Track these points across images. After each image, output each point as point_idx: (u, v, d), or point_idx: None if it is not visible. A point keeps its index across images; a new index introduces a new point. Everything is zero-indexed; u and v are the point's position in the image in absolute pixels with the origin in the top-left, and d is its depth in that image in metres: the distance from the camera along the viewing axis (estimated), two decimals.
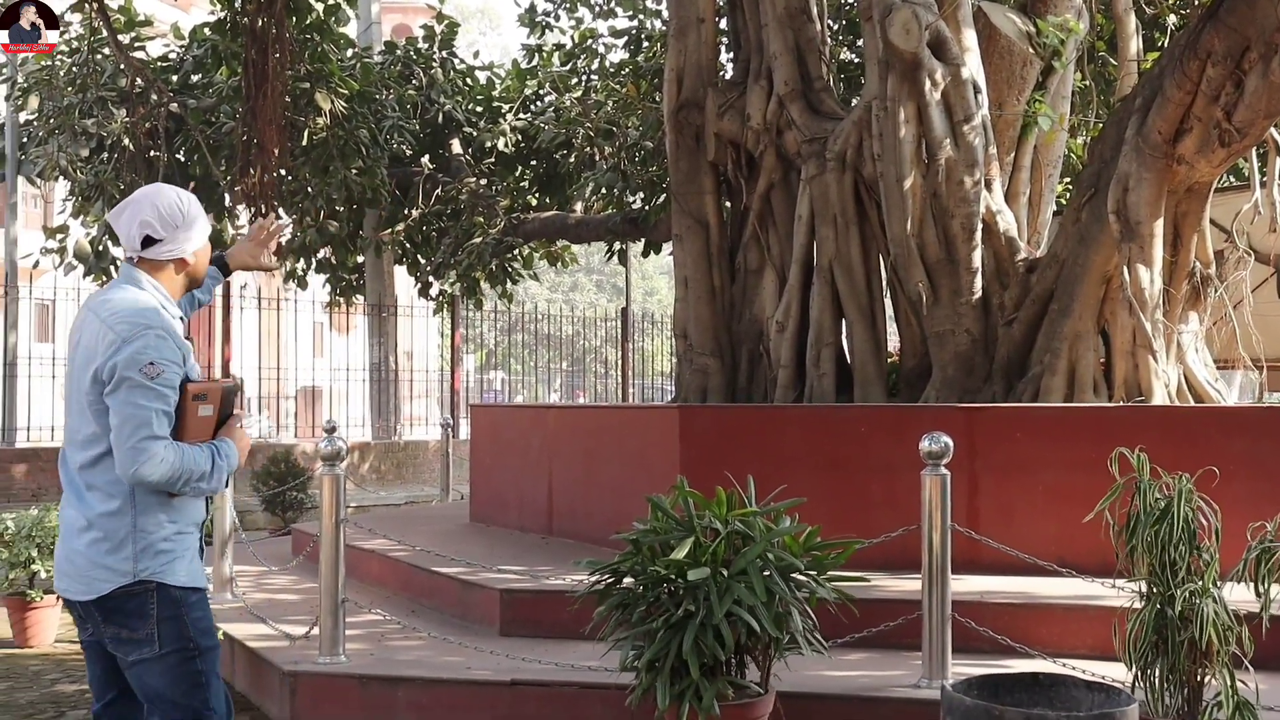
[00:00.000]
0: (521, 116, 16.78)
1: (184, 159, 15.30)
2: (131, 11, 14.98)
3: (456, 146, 16.85)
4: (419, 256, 17.30)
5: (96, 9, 13.25)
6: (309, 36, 14.15)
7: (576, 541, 7.54)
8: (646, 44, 14.93)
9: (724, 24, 9.60)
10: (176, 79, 15.20)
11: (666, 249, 14.53)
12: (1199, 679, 4.02)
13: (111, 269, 15.03)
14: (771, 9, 8.32)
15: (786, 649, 4.33)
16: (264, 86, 12.06)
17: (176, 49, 15.82)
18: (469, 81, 17.54)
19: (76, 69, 14.82)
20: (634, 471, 7.21)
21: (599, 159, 15.49)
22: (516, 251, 16.89)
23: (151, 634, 3.40)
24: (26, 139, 16.12)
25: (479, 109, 17.13)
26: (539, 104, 17.08)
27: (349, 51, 15.76)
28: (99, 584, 3.38)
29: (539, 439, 8.38)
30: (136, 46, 14.69)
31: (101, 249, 15.28)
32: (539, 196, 17.77)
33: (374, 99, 15.43)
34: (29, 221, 23.93)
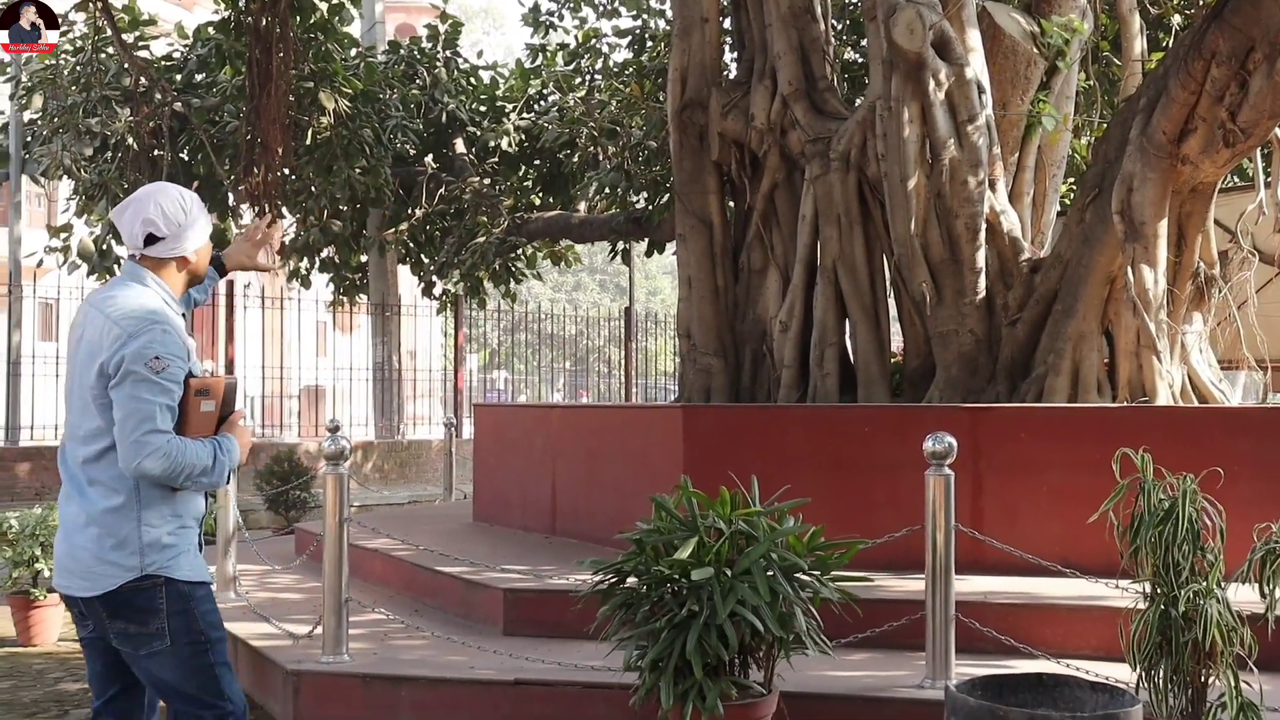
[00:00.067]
0: (525, 116, 16.78)
1: (188, 158, 15.31)
2: (135, 11, 14.98)
3: (460, 146, 16.85)
4: (422, 256, 17.30)
5: (101, 8, 13.25)
6: (313, 36, 14.15)
7: (580, 541, 7.55)
8: (650, 43, 14.93)
9: (728, 23, 9.59)
10: (180, 78, 15.20)
11: (670, 249, 14.54)
12: (1203, 680, 4.01)
13: (115, 268, 15.04)
14: (775, 9, 8.31)
15: (790, 649, 4.32)
16: (268, 86, 12.06)
17: (180, 48, 15.82)
18: (473, 81, 17.54)
19: (81, 68, 14.83)
20: (637, 471, 7.20)
21: (603, 159, 15.49)
22: (520, 251, 16.89)
23: (162, 628, 3.42)
24: (31, 138, 16.14)
25: (483, 108, 17.13)
26: (543, 103, 17.08)
27: (353, 51, 15.75)
28: (105, 580, 3.40)
29: (542, 439, 8.38)
30: (140, 46, 14.69)
31: (105, 248, 15.30)
32: (542, 196, 17.77)
33: (378, 98, 15.43)
34: (33, 220, 23.94)
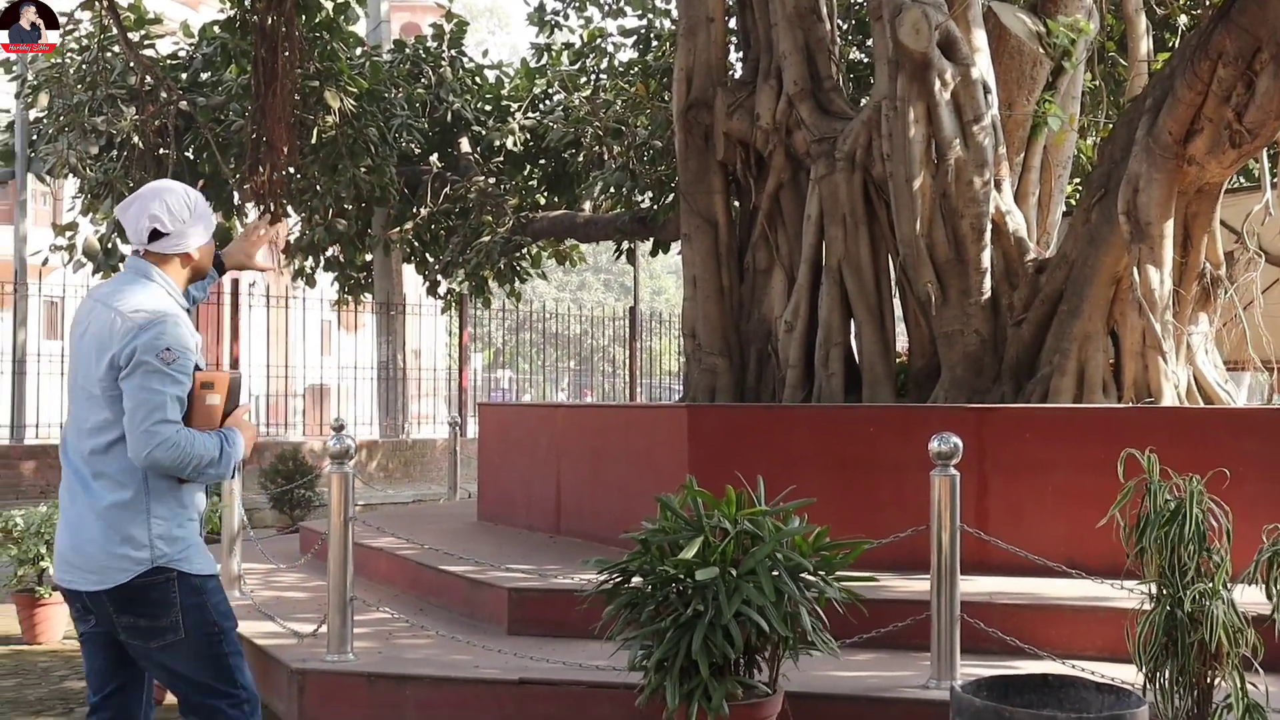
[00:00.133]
0: (530, 115, 16.79)
1: (193, 157, 15.33)
2: (141, 9, 15.01)
3: (465, 145, 16.86)
4: (427, 255, 17.31)
5: (106, 7, 13.27)
6: (318, 35, 14.17)
7: (584, 541, 7.55)
8: (655, 43, 14.93)
9: (733, 23, 9.58)
10: (186, 77, 15.22)
11: (675, 248, 14.55)
12: (1209, 681, 4.00)
13: (120, 266, 15.05)
14: (781, 8, 8.31)
15: (795, 649, 4.32)
16: (273, 84, 12.06)
17: (186, 47, 15.84)
18: (478, 80, 17.55)
19: (86, 67, 14.85)
20: (642, 471, 7.20)
21: (608, 158, 15.50)
22: (525, 250, 16.90)
23: (175, 621, 3.44)
24: (36, 136, 16.18)
25: (488, 108, 17.14)
26: (548, 103, 17.09)
27: (358, 50, 15.77)
28: (115, 574, 3.41)
29: (547, 438, 8.37)
30: (146, 44, 14.71)
31: (110, 246, 15.33)
32: (547, 195, 17.78)
33: (383, 97, 15.44)
34: (38, 219, 23.96)
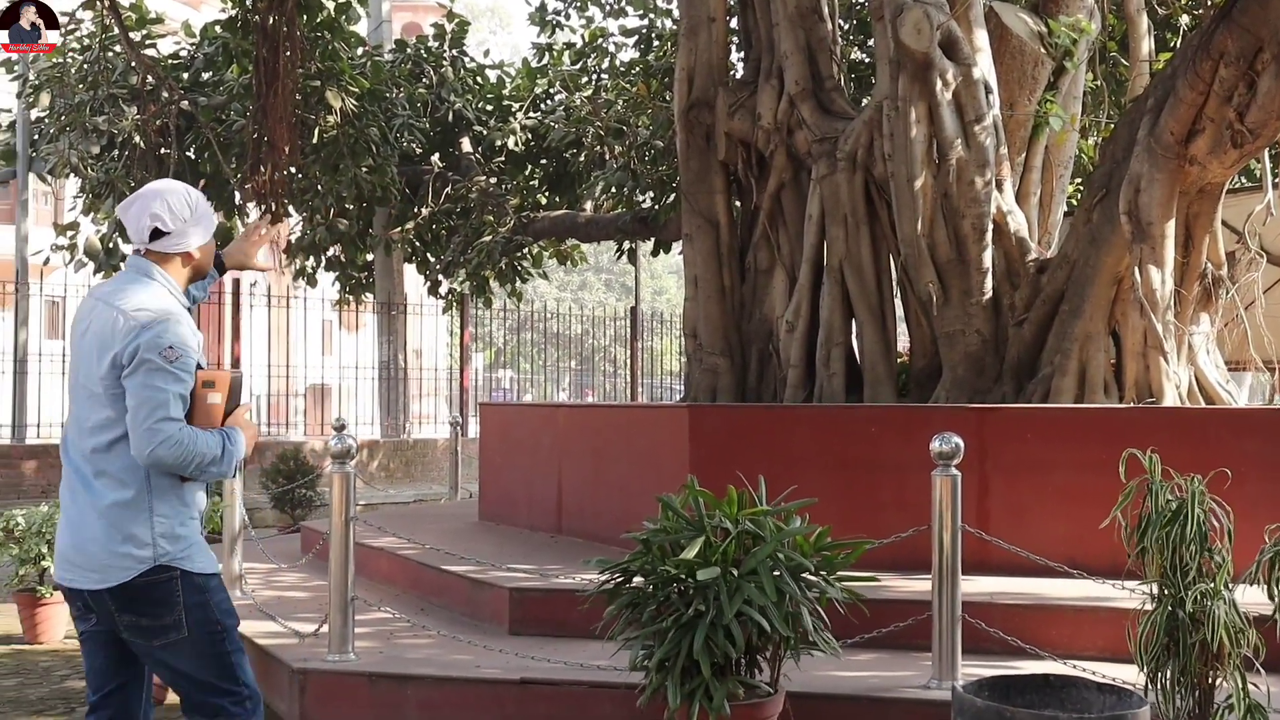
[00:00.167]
0: (532, 115, 16.80)
1: (194, 156, 15.33)
2: (143, 9, 15.02)
3: (466, 145, 16.87)
4: (428, 255, 17.32)
5: (108, 6, 13.27)
6: (320, 34, 14.17)
7: (585, 540, 7.54)
8: (657, 43, 14.92)
9: (735, 23, 9.58)
10: (187, 76, 15.23)
11: (676, 248, 14.56)
12: (1210, 681, 4.00)
13: (121, 266, 15.06)
14: (783, 8, 8.31)
15: (797, 649, 4.32)
16: (275, 84, 12.07)
17: (187, 46, 15.85)
18: (479, 80, 17.55)
19: (88, 66, 14.86)
20: (643, 471, 7.20)
21: (609, 158, 15.50)
22: (526, 250, 16.90)
23: (179, 620, 3.46)
24: (38, 136, 16.19)
25: (489, 107, 17.14)
26: (549, 103, 17.09)
27: (359, 50, 15.78)
28: (117, 572, 3.42)
29: (549, 438, 8.37)
30: (148, 44, 14.72)
31: (111, 246, 15.34)
32: (549, 195, 17.78)
33: (384, 97, 15.45)
34: (39, 218, 23.99)
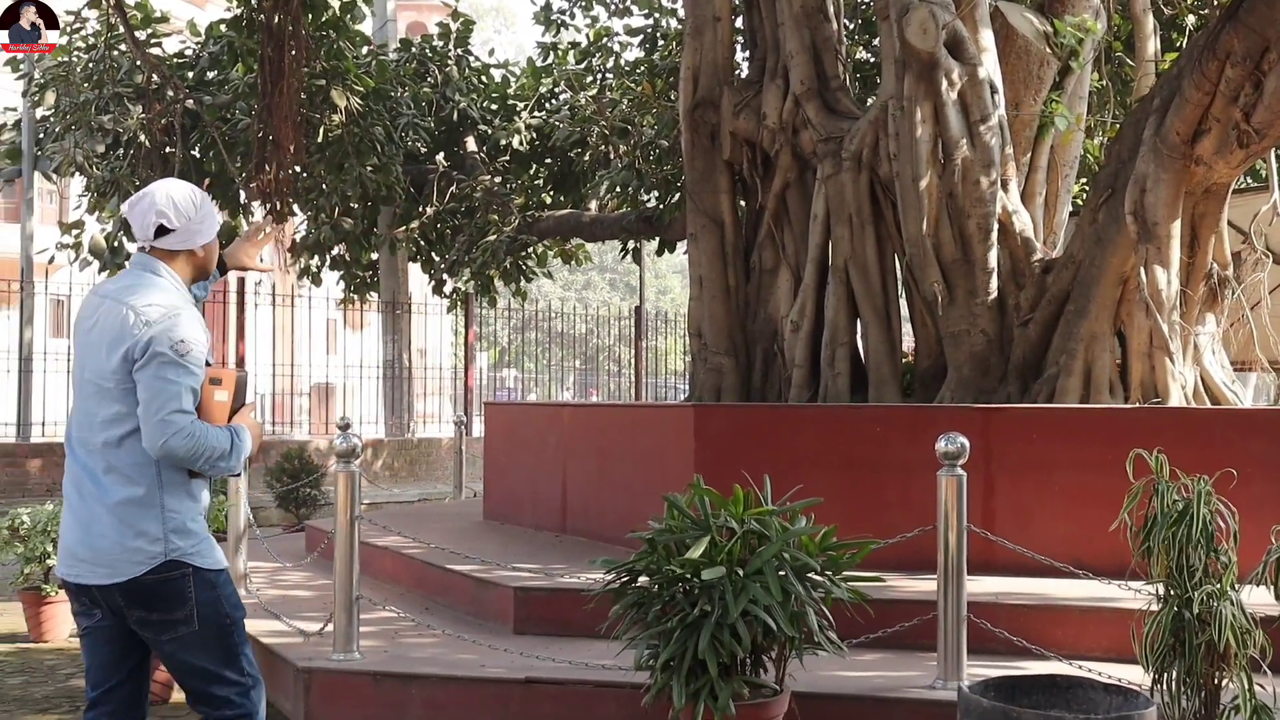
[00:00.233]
0: (536, 114, 16.79)
1: (199, 155, 15.35)
2: (148, 8, 15.02)
3: (471, 144, 16.86)
4: (433, 254, 17.32)
5: (113, 5, 13.29)
6: (325, 33, 14.17)
7: (590, 540, 7.54)
8: (662, 42, 14.92)
9: (740, 22, 9.58)
10: (192, 75, 15.24)
11: (681, 248, 14.53)
12: (1216, 682, 4.00)
13: (126, 265, 15.05)
14: (788, 8, 8.30)
15: (802, 649, 4.32)
16: (280, 83, 12.07)
17: (193, 45, 15.86)
18: (484, 79, 17.55)
19: (93, 65, 14.88)
20: (648, 470, 7.20)
21: (614, 157, 15.49)
22: (530, 249, 16.90)
23: (190, 614, 3.50)
24: (43, 135, 16.19)
25: (494, 107, 17.14)
26: (554, 102, 17.09)
27: (365, 49, 15.78)
28: (128, 567, 3.44)
29: (554, 437, 8.37)
30: (153, 43, 14.72)
31: (116, 245, 15.35)
32: (553, 194, 17.78)
33: (389, 96, 15.46)
34: (44, 217, 24.00)
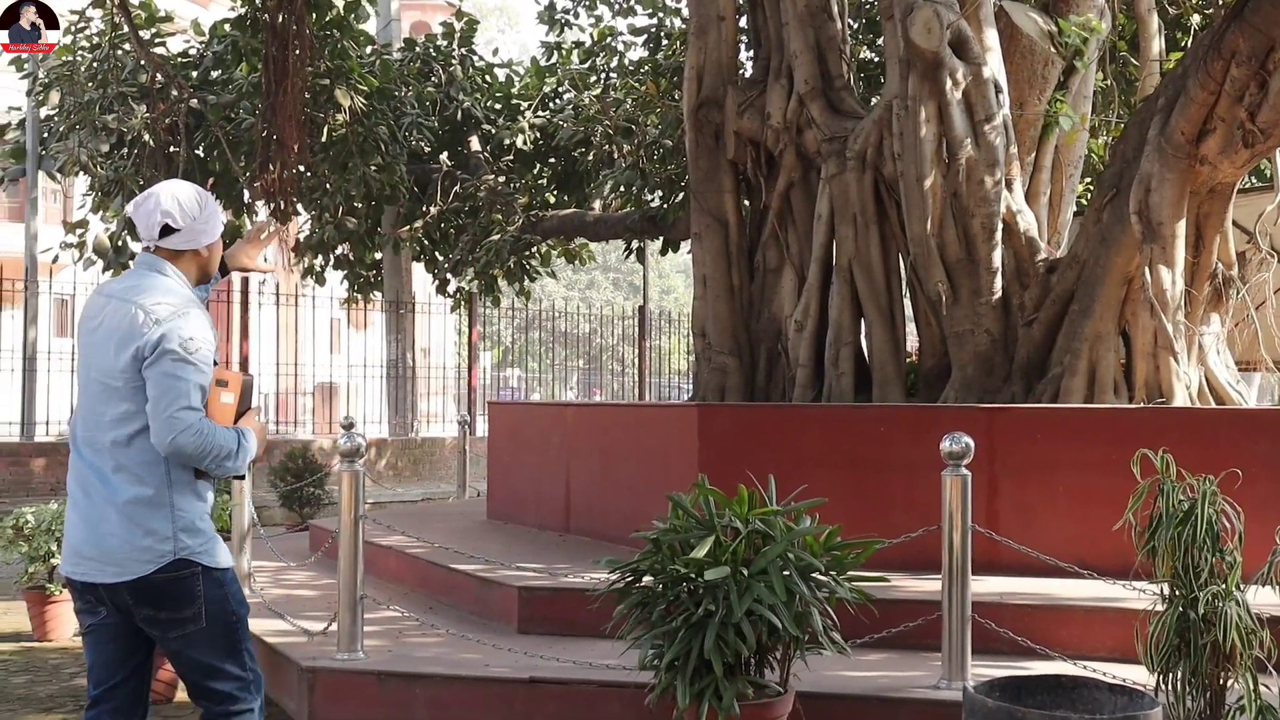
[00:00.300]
0: (540, 114, 16.78)
1: (204, 155, 15.35)
2: (152, 7, 15.03)
3: (475, 144, 16.86)
4: (437, 253, 17.32)
5: (117, 5, 13.29)
6: (329, 33, 14.17)
7: (594, 540, 7.54)
8: (666, 42, 14.92)
9: (744, 22, 9.57)
10: (197, 75, 15.23)
11: (684, 247, 14.54)
12: (1221, 683, 3.99)
13: (130, 264, 15.08)
14: (792, 7, 8.30)
15: (806, 649, 4.31)
16: (284, 83, 12.07)
17: (197, 45, 15.86)
18: (488, 79, 17.55)
19: (97, 65, 14.88)
20: (652, 470, 7.20)
21: (618, 157, 15.49)
22: (534, 249, 16.90)
23: (198, 612, 3.53)
24: (47, 134, 16.21)
25: (498, 106, 17.14)
26: (558, 101, 17.08)
27: (368, 48, 15.78)
28: (137, 566, 3.46)
29: (557, 437, 8.37)
30: (157, 42, 14.72)
31: (121, 244, 15.35)
32: (557, 194, 17.78)
33: (393, 96, 15.45)
34: (48, 216, 23.99)
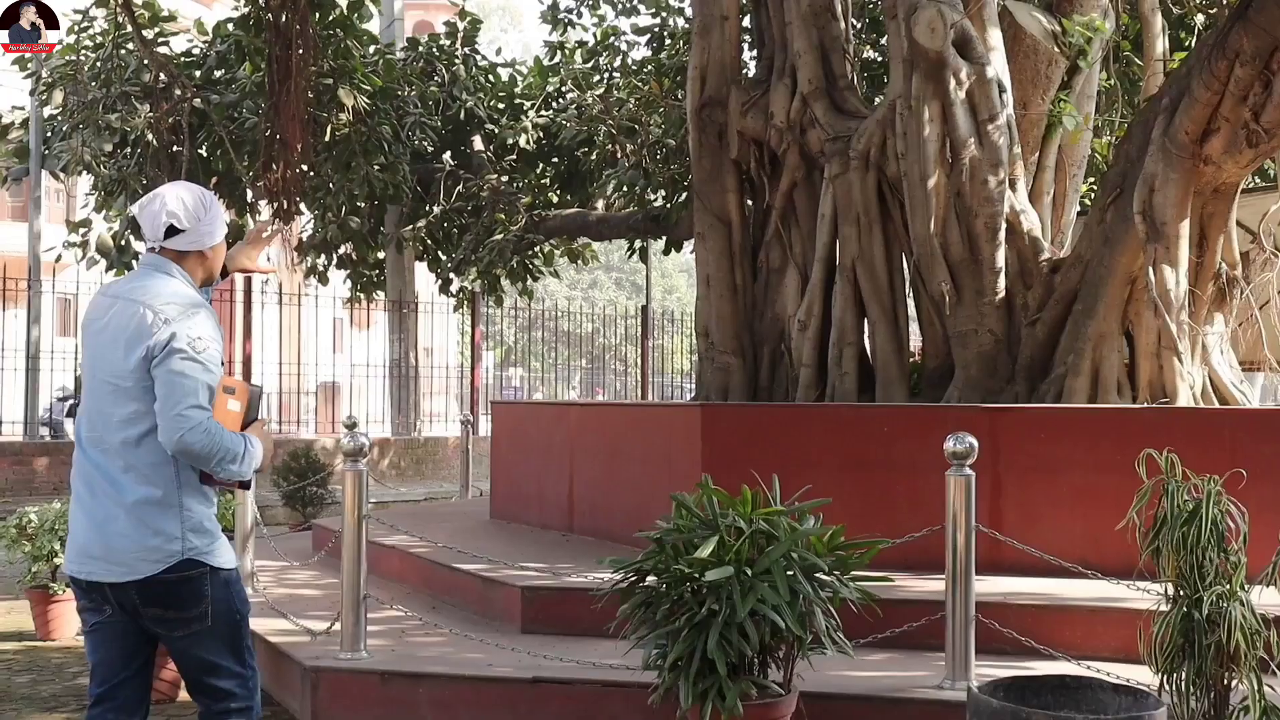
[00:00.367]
0: (543, 113, 16.79)
1: (207, 154, 15.35)
2: (156, 7, 15.03)
3: (478, 143, 16.86)
4: (440, 253, 17.33)
5: (121, 4, 13.30)
6: (332, 32, 14.18)
7: (597, 539, 7.54)
8: (669, 41, 14.93)
9: (748, 21, 9.57)
10: (200, 74, 15.24)
11: (688, 247, 14.53)
12: (1225, 683, 3.99)
13: (133, 263, 15.10)
14: (796, 7, 8.29)
15: (810, 649, 4.31)
16: (287, 82, 12.08)
17: (200, 44, 15.87)
18: (491, 78, 17.55)
19: (101, 64, 14.88)
20: (656, 469, 7.20)
21: (621, 156, 15.49)
22: (537, 248, 16.91)
23: (205, 611, 3.55)
24: (50, 133, 16.21)
25: (501, 106, 17.14)
26: (561, 101, 17.08)
27: (372, 48, 15.78)
28: (145, 566, 3.48)
29: (560, 436, 8.37)
30: (160, 42, 14.73)
31: (123, 244, 15.37)
32: (560, 194, 17.78)
33: (396, 95, 15.46)
34: (52, 216, 24.04)
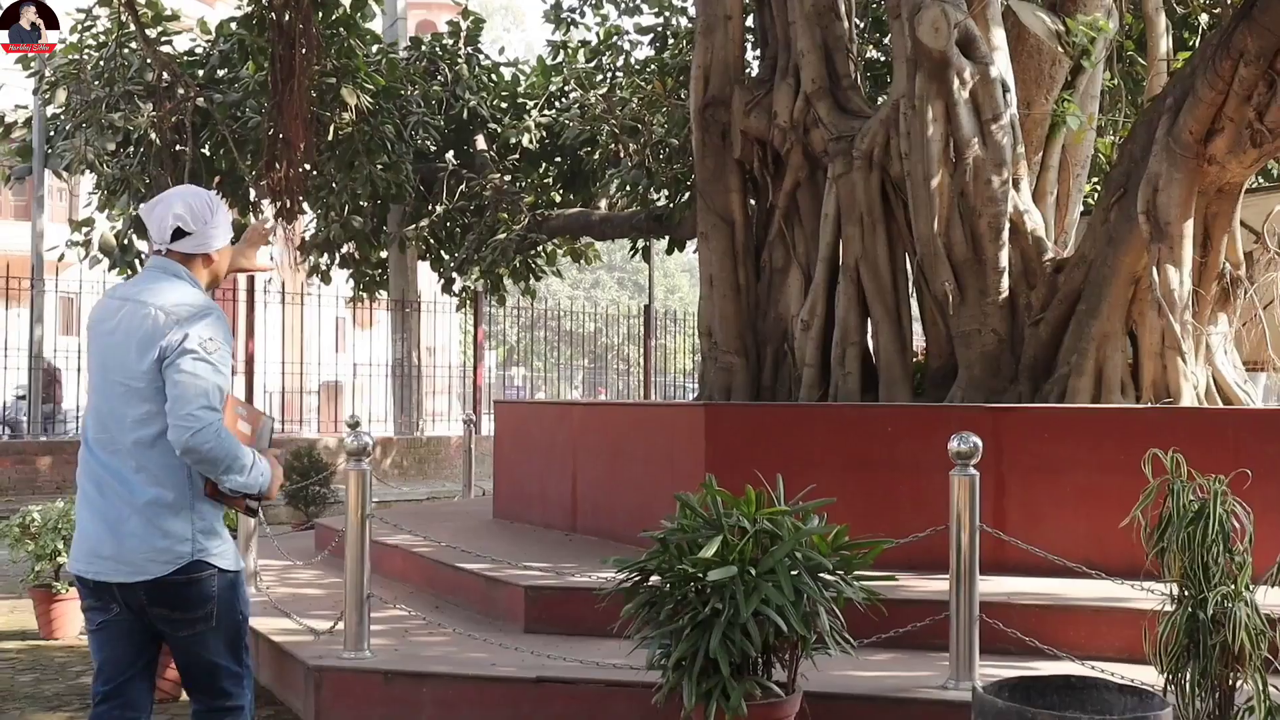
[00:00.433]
0: (546, 113, 16.79)
1: (210, 153, 15.37)
2: (159, 6, 15.05)
3: (481, 143, 16.88)
4: (442, 252, 17.33)
5: (124, 3, 13.32)
6: (335, 32, 14.19)
7: (600, 539, 7.53)
8: (672, 41, 14.93)
9: (751, 21, 9.57)
10: (203, 74, 15.26)
11: (690, 246, 14.54)
12: (1230, 683, 3.98)
13: (136, 263, 15.12)
14: (799, 6, 8.29)
15: (813, 649, 4.30)
16: (290, 82, 12.09)
17: (203, 44, 15.89)
18: (494, 78, 17.56)
19: (104, 63, 14.90)
20: (659, 469, 7.19)
21: (623, 156, 15.50)
22: (540, 248, 16.91)
23: (210, 613, 3.57)
24: (54, 132, 16.23)
25: (504, 105, 17.15)
26: (564, 100, 17.09)
27: (375, 47, 15.80)
28: (155, 566, 3.48)
29: (563, 436, 8.37)
30: (163, 41, 14.76)
31: (126, 243, 15.38)
32: (563, 193, 17.79)
33: (399, 95, 15.47)
34: (55, 215, 24.06)
